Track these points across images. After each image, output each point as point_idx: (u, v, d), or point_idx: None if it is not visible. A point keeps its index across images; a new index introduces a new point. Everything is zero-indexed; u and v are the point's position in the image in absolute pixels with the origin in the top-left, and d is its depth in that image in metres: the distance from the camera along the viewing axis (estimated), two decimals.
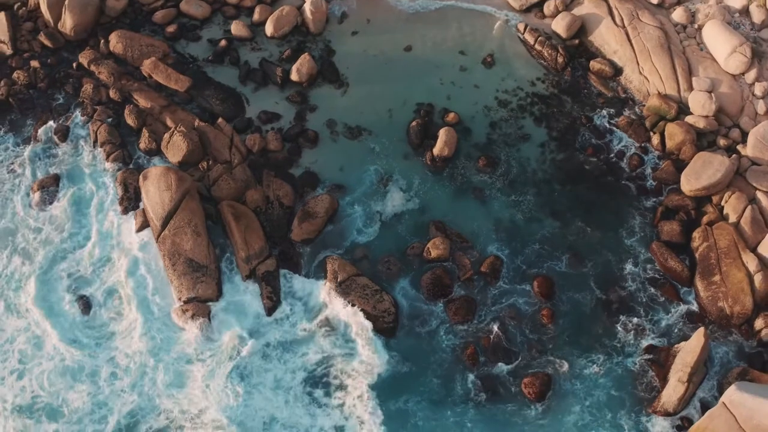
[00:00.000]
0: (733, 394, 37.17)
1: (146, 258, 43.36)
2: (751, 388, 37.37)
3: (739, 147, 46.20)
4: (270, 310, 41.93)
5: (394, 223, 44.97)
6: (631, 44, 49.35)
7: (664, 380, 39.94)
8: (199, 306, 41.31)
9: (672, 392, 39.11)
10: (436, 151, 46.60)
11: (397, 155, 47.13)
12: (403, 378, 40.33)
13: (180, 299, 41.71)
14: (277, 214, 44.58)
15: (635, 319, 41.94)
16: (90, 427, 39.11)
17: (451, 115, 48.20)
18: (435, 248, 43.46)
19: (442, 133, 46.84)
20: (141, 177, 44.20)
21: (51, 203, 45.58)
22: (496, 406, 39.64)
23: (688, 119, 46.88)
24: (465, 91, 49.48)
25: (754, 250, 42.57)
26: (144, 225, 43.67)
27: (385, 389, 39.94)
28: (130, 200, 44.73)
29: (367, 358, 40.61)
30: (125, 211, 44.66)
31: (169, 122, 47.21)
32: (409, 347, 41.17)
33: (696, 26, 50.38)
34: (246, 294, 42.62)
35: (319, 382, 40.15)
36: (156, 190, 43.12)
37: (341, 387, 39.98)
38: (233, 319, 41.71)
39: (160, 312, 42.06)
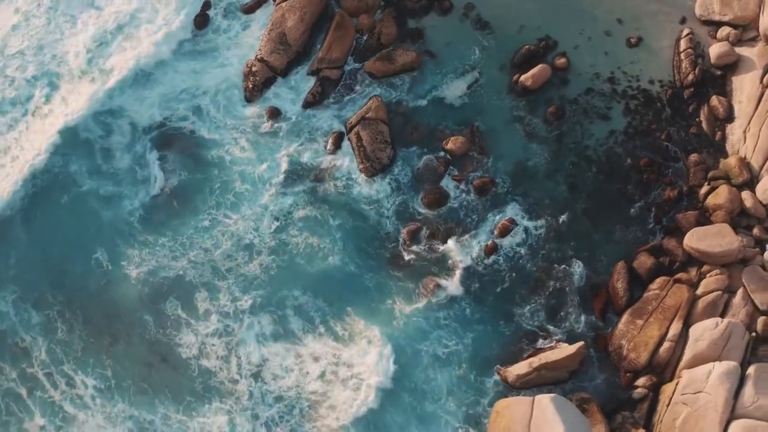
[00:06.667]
0: (545, 399, 40.09)
1: (262, 15, 52.67)
2: (565, 408, 39.73)
3: None
4: (307, 105, 49.70)
5: (445, 107, 49.78)
6: (758, 104, 47.63)
7: (527, 358, 43.48)
8: (263, 68, 50.09)
9: (518, 368, 42.87)
10: (523, 77, 49.74)
11: (494, 62, 50.92)
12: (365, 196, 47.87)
13: (256, 57, 50.63)
14: (370, 44, 51.20)
15: (554, 304, 44.71)
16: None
17: (563, 60, 50.34)
18: (453, 143, 48.32)
19: (539, 68, 49.72)
20: None
21: None
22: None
23: (743, 194, 45.69)
24: (592, 51, 50.89)
25: (687, 325, 42.70)
26: None
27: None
28: None
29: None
30: None
31: None
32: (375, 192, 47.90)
33: None
34: (300, 84, 50.51)
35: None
36: None
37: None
38: (279, 92, 50.24)
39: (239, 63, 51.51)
